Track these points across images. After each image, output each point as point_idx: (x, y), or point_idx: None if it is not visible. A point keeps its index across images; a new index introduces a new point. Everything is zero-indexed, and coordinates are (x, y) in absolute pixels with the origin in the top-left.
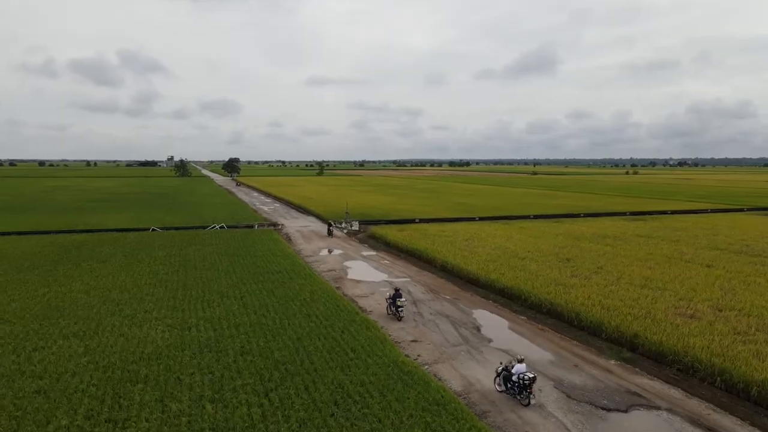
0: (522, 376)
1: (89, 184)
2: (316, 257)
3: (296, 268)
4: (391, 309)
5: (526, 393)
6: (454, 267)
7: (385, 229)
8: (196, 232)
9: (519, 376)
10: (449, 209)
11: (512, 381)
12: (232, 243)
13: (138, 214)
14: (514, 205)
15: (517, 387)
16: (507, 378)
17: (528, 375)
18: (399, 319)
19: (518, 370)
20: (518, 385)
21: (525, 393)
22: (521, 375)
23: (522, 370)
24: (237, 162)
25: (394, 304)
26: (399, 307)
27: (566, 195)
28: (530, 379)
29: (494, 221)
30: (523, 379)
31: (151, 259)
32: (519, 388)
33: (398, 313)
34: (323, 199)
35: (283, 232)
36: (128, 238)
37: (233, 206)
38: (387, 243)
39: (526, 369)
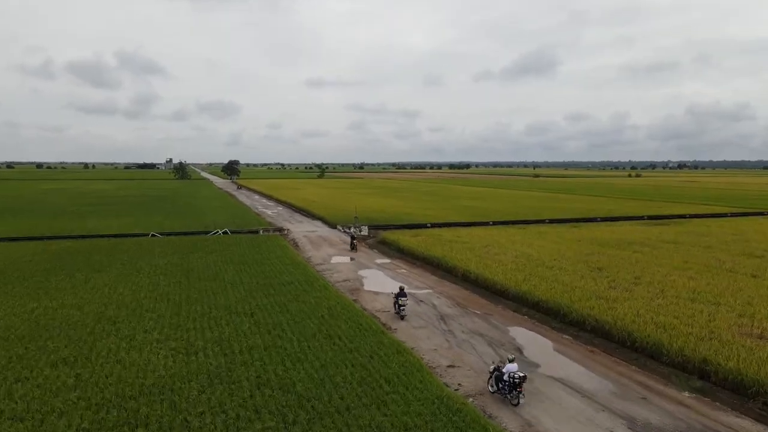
0: (512, 375)
1: (86, 186)
2: (327, 265)
3: (309, 279)
4: (395, 308)
5: (516, 392)
6: (478, 277)
7: (396, 235)
8: (198, 238)
9: (509, 375)
10: (460, 213)
11: (503, 381)
12: (237, 250)
13: (137, 218)
14: (525, 208)
15: (507, 386)
16: (499, 378)
17: (518, 374)
18: (402, 318)
19: (509, 370)
20: (508, 384)
21: (515, 392)
22: (511, 374)
23: (513, 370)
24: (237, 164)
25: (397, 303)
26: (401, 306)
27: (576, 198)
28: (520, 378)
29: (509, 226)
30: (513, 378)
31: (150, 268)
32: (509, 387)
33: (400, 311)
34: (327, 203)
35: (289, 238)
36: (126, 244)
37: (235, 210)
38: (400, 249)
39: (517, 368)
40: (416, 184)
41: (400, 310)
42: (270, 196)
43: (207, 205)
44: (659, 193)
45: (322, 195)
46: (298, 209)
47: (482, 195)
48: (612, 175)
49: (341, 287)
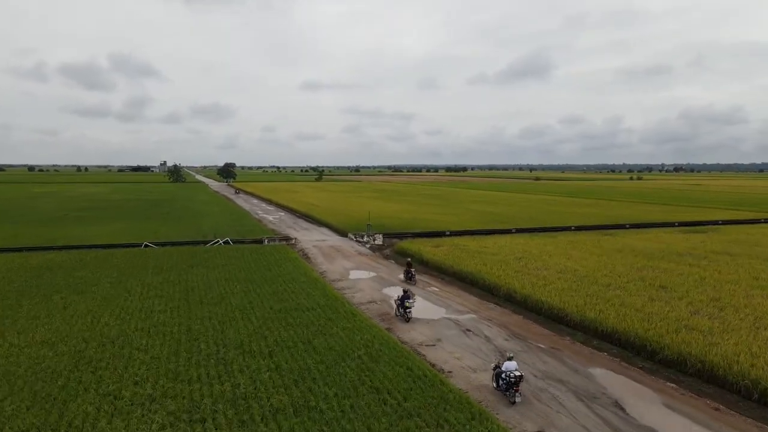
0: (509, 374)
1: (77, 190)
2: (346, 282)
3: (330, 302)
4: (399, 311)
5: (512, 391)
6: (527, 298)
7: (416, 244)
8: (196, 249)
9: (507, 374)
10: (475, 219)
11: (502, 378)
12: (241, 264)
13: (128, 225)
14: (543, 214)
15: (505, 384)
16: (498, 375)
17: (515, 373)
18: (407, 320)
19: (507, 368)
20: (506, 382)
21: (511, 391)
22: (508, 372)
23: (511, 368)
24: (233, 167)
25: (402, 306)
26: (407, 308)
27: (589, 202)
28: (516, 377)
29: (534, 234)
30: (509, 377)
31: (143, 288)
32: (507, 385)
33: (406, 314)
34: (331, 207)
35: (297, 248)
36: (116, 257)
37: (234, 215)
38: (424, 262)
39: (515, 367)
40: (419, 187)
41: (406, 313)
42: (269, 200)
43: (204, 210)
44: (673, 197)
45: (323, 199)
46: (302, 215)
47: (492, 199)
48: (612, 178)
49: (369, 311)
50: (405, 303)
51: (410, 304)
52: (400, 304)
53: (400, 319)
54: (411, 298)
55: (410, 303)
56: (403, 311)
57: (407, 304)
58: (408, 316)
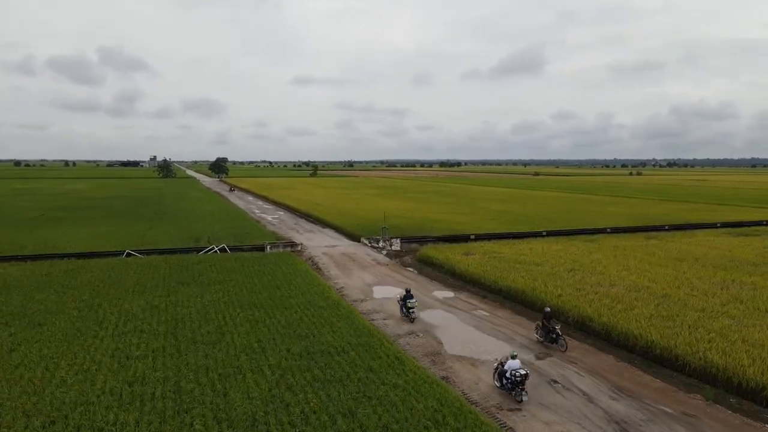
0: (514, 373)
1: (62, 186)
2: (372, 303)
3: (364, 339)
4: (403, 311)
5: (519, 389)
6: (609, 329)
7: (441, 251)
8: (188, 258)
9: (511, 372)
10: (494, 220)
11: (506, 377)
12: (243, 279)
13: (111, 227)
14: (563, 213)
15: (510, 383)
16: (502, 374)
17: (520, 371)
18: (411, 321)
19: (511, 366)
20: (511, 381)
21: (518, 389)
22: (513, 371)
23: (515, 367)
24: (225, 162)
25: (405, 306)
26: (410, 309)
27: (609, 200)
28: (522, 376)
29: (569, 238)
30: (515, 375)
31: (119, 317)
32: (512, 384)
33: (410, 314)
34: (334, 206)
35: (305, 256)
36: (91, 270)
37: (230, 215)
38: (457, 274)
39: (519, 365)
40: (420, 183)
41: (409, 313)
42: (265, 198)
43: (196, 209)
44: (690, 194)
45: (323, 196)
46: (303, 214)
47: (501, 196)
48: (611, 173)
49: (413, 350)
50: (407, 303)
51: (412, 304)
52: (403, 304)
53: (405, 320)
54: (413, 297)
55: (412, 303)
56: (407, 312)
57: (409, 304)
58: (412, 316)
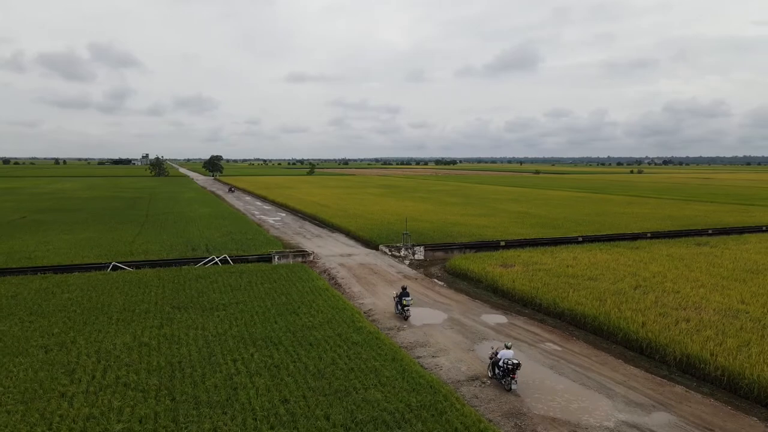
0: (506, 361)
1: (49, 185)
2: (413, 332)
3: (426, 397)
4: (398, 308)
5: (509, 378)
6: (738, 377)
7: (474, 261)
8: (184, 272)
9: (504, 362)
10: (517, 222)
11: (499, 366)
12: (251, 300)
13: (97, 233)
14: (588, 215)
15: (502, 372)
16: (495, 363)
17: (512, 361)
18: (405, 318)
19: (503, 356)
20: (503, 370)
21: (508, 378)
22: (506, 360)
23: (508, 356)
24: (219, 160)
25: (400, 303)
26: (405, 306)
27: (628, 200)
28: (514, 365)
29: (609, 244)
30: (507, 364)
31: (98, 360)
32: (503, 372)
33: (404, 312)
34: (341, 207)
35: (319, 267)
36: (69, 288)
37: (228, 218)
38: (499, 290)
39: (512, 355)
40: (423, 182)
41: (404, 311)
42: (264, 198)
43: (191, 211)
44: (706, 193)
45: (326, 196)
46: (308, 216)
47: (514, 196)
48: (613, 171)
49: (483, 404)
50: (403, 300)
51: (407, 302)
52: (398, 301)
53: (399, 317)
54: (409, 295)
55: (408, 301)
56: (401, 309)
57: (405, 302)
58: (406, 314)
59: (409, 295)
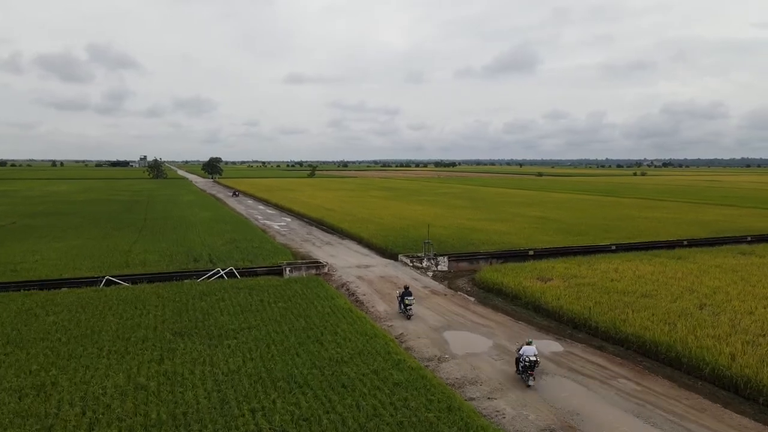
0: (526, 358)
1: (45, 188)
2: (456, 365)
3: None
4: (401, 307)
5: (527, 374)
6: None
7: (505, 274)
8: (186, 288)
9: (523, 358)
10: (537, 228)
11: (520, 362)
12: (267, 325)
13: (91, 239)
14: (610, 220)
15: (522, 367)
16: (517, 359)
17: (531, 357)
18: (408, 318)
19: (525, 352)
20: (523, 365)
21: (526, 374)
22: (526, 356)
23: (529, 353)
24: (218, 162)
25: (402, 302)
26: (408, 306)
27: (646, 203)
28: (532, 362)
29: (647, 253)
30: (526, 361)
31: (83, 412)
32: (523, 368)
33: (407, 311)
34: (346, 211)
35: (336, 281)
36: (54, 309)
37: (230, 223)
38: (541, 309)
39: (533, 352)
40: (427, 185)
41: (406, 310)
42: (267, 201)
43: (191, 215)
44: (721, 196)
45: (330, 200)
46: (314, 221)
47: (526, 199)
48: (616, 173)
49: None
50: (405, 300)
51: (410, 302)
52: (401, 300)
53: (402, 316)
54: (411, 294)
55: (410, 300)
56: (404, 308)
57: (407, 301)
58: (409, 313)
59: (411, 295)
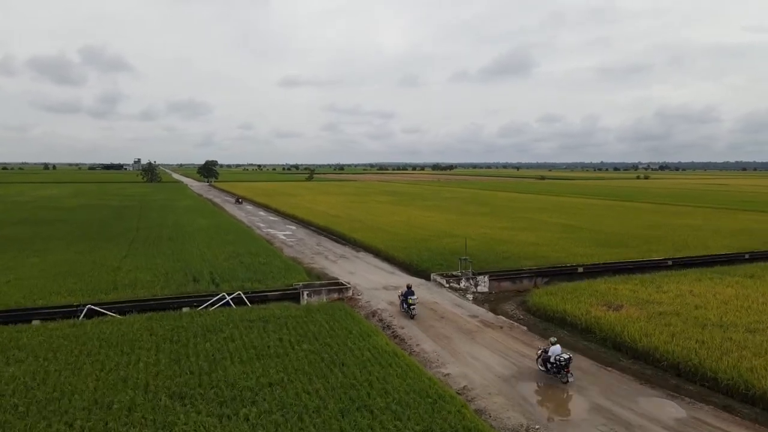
0: (558, 357)
1: (34, 192)
2: None
3: None
4: (404, 306)
5: (564, 372)
6: None
7: (564, 298)
8: (186, 321)
9: (555, 358)
10: (572, 239)
11: (550, 362)
12: (290, 379)
13: (74, 254)
14: (648, 228)
15: (555, 367)
16: (546, 360)
17: (563, 356)
18: (411, 317)
19: (554, 352)
20: (556, 365)
21: (563, 372)
22: (557, 356)
23: (558, 352)
24: (215, 165)
25: (405, 302)
26: (411, 305)
27: (671, 210)
28: (566, 360)
29: (712, 270)
30: (559, 360)
31: None
32: (557, 368)
33: (410, 311)
34: (355, 218)
35: (364, 308)
36: (15, 355)
37: (232, 233)
38: (627, 348)
39: (561, 350)
40: (430, 189)
41: (410, 309)
42: (267, 207)
43: (188, 223)
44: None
45: (335, 205)
46: (322, 230)
47: (543, 205)
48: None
49: None
50: (408, 299)
51: (413, 301)
52: (404, 300)
53: (404, 315)
54: (414, 294)
55: (413, 299)
56: (407, 308)
57: (410, 300)
58: (412, 312)
59: (414, 294)
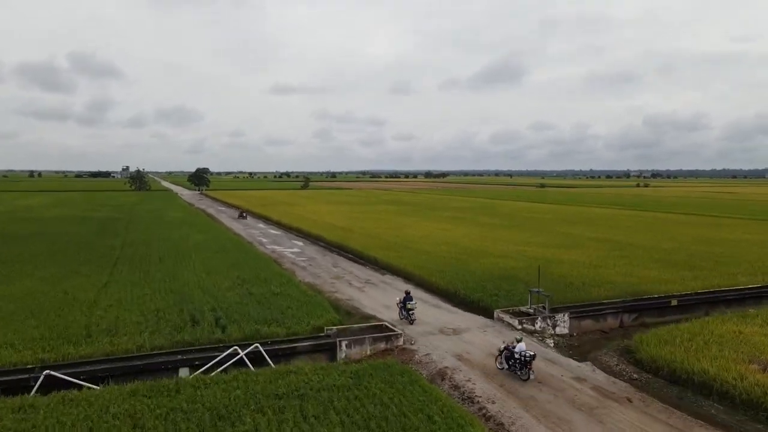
0: (523, 354)
1: (15, 201)
2: None
3: None
4: (403, 313)
5: (526, 369)
6: None
7: (690, 350)
8: (185, 398)
9: (521, 354)
10: (618, 256)
11: (514, 358)
12: None
13: (44, 283)
14: (703, 244)
15: (519, 364)
16: (509, 357)
17: (528, 353)
18: (411, 322)
19: (520, 349)
20: (519, 362)
21: (525, 369)
22: (522, 353)
23: (523, 349)
24: (206, 173)
25: (405, 308)
26: (410, 310)
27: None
28: (530, 357)
29: None
30: (523, 357)
31: None
32: (520, 364)
33: (410, 316)
34: (366, 231)
35: (424, 365)
36: None
37: (233, 251)
38: None
39: (525, 348)
40: (431, 197)
41: (409, 315)
42: (267, 218)
43: (180, 238)
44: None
45: (338, 216)
46: (334, 246)
47: (560, 215)
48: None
49: None
50: (407, 305)
51: (412, 306)
52: (403, 306)
53: (404, 321)
54: (413, 299)
55: (412, 305)
56: (407, 314)
57: (409, 305)
58: (412, 318)
59: (413, 299)
